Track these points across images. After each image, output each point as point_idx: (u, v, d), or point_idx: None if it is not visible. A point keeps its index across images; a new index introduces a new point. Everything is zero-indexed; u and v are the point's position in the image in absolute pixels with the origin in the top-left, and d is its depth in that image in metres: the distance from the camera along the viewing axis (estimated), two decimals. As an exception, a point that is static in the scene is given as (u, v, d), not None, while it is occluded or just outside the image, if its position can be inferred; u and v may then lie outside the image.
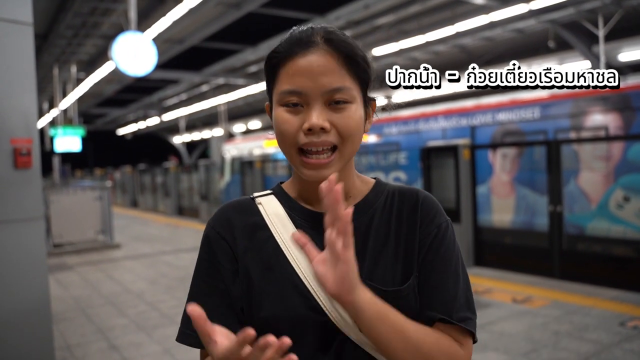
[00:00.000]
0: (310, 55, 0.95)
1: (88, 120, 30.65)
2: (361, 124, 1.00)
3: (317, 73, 0.94)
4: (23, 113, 3.53)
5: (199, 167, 16.81)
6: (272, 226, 1.03)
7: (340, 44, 0.96)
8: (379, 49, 13.87)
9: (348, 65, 0.96)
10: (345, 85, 0.95)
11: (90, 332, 5.15)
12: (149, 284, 7.20)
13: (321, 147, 0.95)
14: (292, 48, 0.97)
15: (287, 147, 0.97)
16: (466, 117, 9.95)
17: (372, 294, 0.89)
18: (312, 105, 0.94)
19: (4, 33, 3.41)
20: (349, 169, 1.05)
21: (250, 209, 1.07)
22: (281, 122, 0.96)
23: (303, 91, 0.94)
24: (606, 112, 7.94)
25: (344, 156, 0.98)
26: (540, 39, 12.83)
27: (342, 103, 0.95)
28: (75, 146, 16.46)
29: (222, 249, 1.03)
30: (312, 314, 0.95)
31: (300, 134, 0.95)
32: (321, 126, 0.93)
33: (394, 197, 1.08)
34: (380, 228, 1.04)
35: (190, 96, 24.23)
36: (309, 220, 1.03)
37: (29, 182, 3.53)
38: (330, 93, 0.94)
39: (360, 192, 1.08)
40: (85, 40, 14.08)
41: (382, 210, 1.06)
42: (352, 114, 0.96)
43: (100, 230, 10.69)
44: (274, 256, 1.00)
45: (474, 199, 7.72)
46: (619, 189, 7.23)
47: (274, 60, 0.99)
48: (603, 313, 5.10)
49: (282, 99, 0.96)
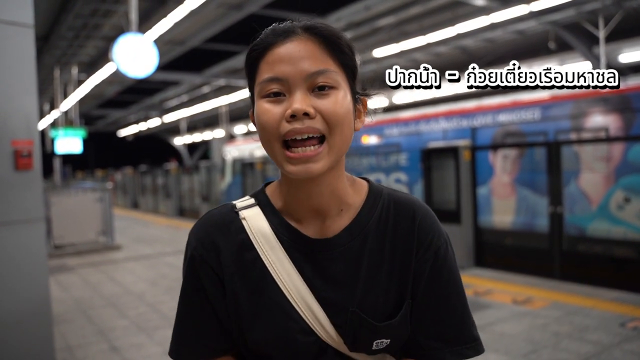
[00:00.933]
0: (289, 42, 0.89)
1: (89, 122, 30.68)
2: (350, 114, 0.91)
3: (298, 58, 0.87)
4: (24, 114, 3.53)
5: (199, 168, 16.82)
6: (258, 246, 0.96)
7: (322, 29, 0.90)
8: (380, 51, 13.88)
9: (331, 50, 0.90)
10: (328, 68, 0.88)
11: (91, 333, 5.15)
12: (149, 285, 7.21)
13: (306, 135, 0.86)
14: (271, 39, 0.91)
15: (270, 141, 0.89)
16: (467, 118, 9.95)
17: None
18: (294, 91, 0.87)
19: (5, 35, 3.42)
20: (340, 174, 0.97)
21: (234, 226, 0.99)
22: (262, 113, 0.89)
23: (284, 77, 0.87)
24: (607, 113, 7.94)
25: (333, 149, 0.89)
26: (541, 40, 12.84)
27: (326, 88, 0.88)
28: (76, 147, 16.49)
29: (206, 274, 0.98)
30: (302, 336, 0.94)
31: (282, 123, 0.87)
32: (304, 111, 0.85)
33: (389, 211, 1.00)
34: (373, 251, 0.97)
35: (191, 97, 24.24)
36: (296, 242, 0.96)
37: (29, 183, 3.54)
38: (312, 77, 0.87)
39: (354, 204, 1.00)
40: (86, 42, 14.10)
41: (376, 229, 0.98)
42: (339, 99, 0.88)
43: (101, 232, 10.68)
44: (262, 279, 0.95)
45: (474, 200, 7.72)
46: (619, 190, 7.23)
47: (254, 54, 0.93)
48: (603, 314, 5.09)
49: (263, 90, 0.89)
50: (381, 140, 11.69)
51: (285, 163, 0.89)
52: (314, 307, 0.94)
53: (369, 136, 11.96)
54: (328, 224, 0.98)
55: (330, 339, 0.94)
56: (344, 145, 0.91)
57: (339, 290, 0.95)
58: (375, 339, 0.94)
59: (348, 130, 0.91)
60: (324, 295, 0.95)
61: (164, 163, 28.64)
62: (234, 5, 11.11)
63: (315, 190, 0.94)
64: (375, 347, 0.95)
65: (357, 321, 0.94)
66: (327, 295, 0.95)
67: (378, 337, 0.94)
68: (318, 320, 0.93)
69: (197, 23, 12.18)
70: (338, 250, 0.96)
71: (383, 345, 0.96)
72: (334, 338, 0.94)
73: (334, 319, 0.94)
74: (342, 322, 0.94)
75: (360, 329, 0.94)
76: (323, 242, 0.97)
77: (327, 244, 0.96)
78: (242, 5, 11.11)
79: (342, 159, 0.96)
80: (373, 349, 0.95)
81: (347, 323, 0.94)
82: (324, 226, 0.98)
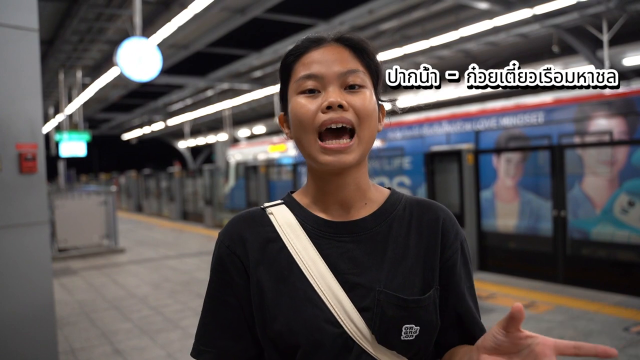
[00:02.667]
0: (322, 48, 0.99)
1: (93, 125, 30.78)
2: (375, 112, 1.00)
3: (331, 61, 0.97)
4: (28, 118, 3.55)
5: (203, 171, 16.86)
6: (284, 237, 1.01)
7: (351, 39, 1.00)
8: (383, 54, 13.76)
9: (359, 56, 1.00)
10: (358, 69, 0.98)
11: (95, 336, 5.16)
12: (153, 288, 7.22)
13: (341, 125, 0.94)
14: (306, 45, 1.00)
15: (306, 132, 0.96)
16: (470, 121, 9.94)
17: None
18: (329, 88, 0.96)
19: (10, 39, 3.44)
20: (365, 171, 1.05)
21: (261, 220, 1.05)
22: (299, 106, 0.97)
23: (319, 74, 0.96)
24: (610, 116, 7.92)
25: (362, 142, 0.97)
26: (544, 44, 12.82)
27: (357, 87, 0.97)
28: (81, 151, 16.53)
29: (233, 264, 1.02)
30: (328, 326, 0.94)
31: (319, 114, 0.95)
32: (339, 103, 0.94)
33: (413, 208, 1.06)
34: (399, 237, 1.02)
35: (195, 101, 24.28)
36: (323, 229, 1.01)
37: (34, 187, 3.55)
38: (345, 75, 0.96)
39: (376, 200, 1.06)
40: (90, 46, 14.14)
41: (401, 220, 1.04)
42: (367, 96, 0.97)
43: (105, 235, 10.71)
44: (287, 268, 0.98)
45: (477, 204, 7.71)
46: (623, 194, 7.21)
47: (290, 58, 1.02)
48: (607, 318, 5.08)
49: (299, 87, 0.98)
50: (384, 143, 11.69)
51: (320, 154, 0.96)
52: (338, 294, 0.95)
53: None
54: (352, 213, 1.03)
55: (356, 331, 0.94)
56: (370, 140, 1.00)
57: (365, 273, 0.97)
58: (404, 322, 0.94)
59: (374, 127, 1.00)
60: (349, 278, 0.96)
61: (167, 166, 28.70)
62: (238, 9, 11.14)
63: (343, 183, 1.01)
64: (405, 336, 0.94)
65: (384, 299, 0.95)
66: (351, 278, 0.96)
67: (407, 319, 0.94)
68: (343, 308, 0.94)
69: (201, 27, 12.21)
70: (364, 233, 1.01)
71: (412, 335, 0.94)
72: (361, 329, 0.94)
73: (360, 303, 0.95)
74: (370, 304, 0.95)
75: (389, 308, 0.94)
76: (347, 224, 1.02)
77: (353, 226, 1.01)
78: (245, 10, 11.13)
79: (366, 158, 1.03)
80: (402, 337, 0.94)
81: (375, 303, 0.94)
82: (348, 215, 1.03)
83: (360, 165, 1.01)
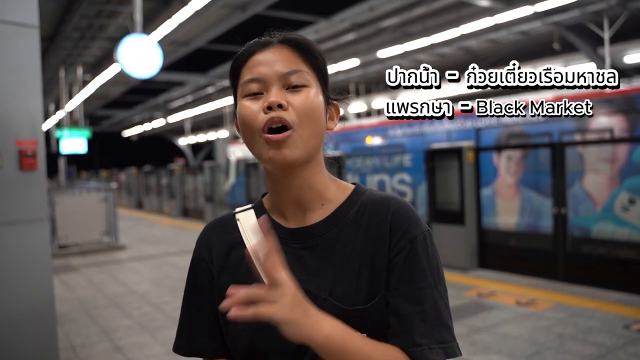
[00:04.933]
0: (267, 51, 1.00)
1: (94, 122, 30.76)
2: (320, 110, 0.99)
3: (274, 61, 0.98)
4: (29, 115, 3.55)
5: (204, 168, 16.85)
6: (247, 243, 1.03)
7: (295, 39, 1.01)
8: (384, 52, 13.88)
9: (303, 56, 1.00)
10: (300, 69, 0.98)
11: (95, 333, 5.17)
12: (153, 285, 7.22)
13: (280, 124, 0.94)
14: (251, 48, 1.02)
15: (252, 133, 0.97)
16: (471, 119, 9.93)
17: (331, 318, 0.87)
18: (271, 89, 0.97)
19: (10, 36, 3.44)
20: (318, 171, 1.03)
21: (230, 226, 1.09)
22: (243, 109, 0.98)
23: (261, 77, 0.97)
24: (611, 114, 7.91)
25: (302, 139, 0.96)
26: (546, 41, 12.81)
27: (299, 87, 0.97)
28: (81, 148, 16.53)
29: (202, 269, 1.08)
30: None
31: (260, 114, 0.96)
32: (278, 102, 0.94)
33: (366, 208, 1.02)
34: (347, 242, 1.00)
35: (195, 98, 24.29)
36: (280, 235, 1.00)
37: (34, 183, 3.55)
38: (286, 76, 0.97)
39: (335, 199, 1.05)
40: (91, 43, 14.14)
41: (352, 223, 1.01)
42: (310, 95, 0.98)
43: (105, 232, 10.72)
44: (248, 274, 0.96)
45: (478, 201, 7.71)
46: (624, 192, 7.20)
47: (237, 63, 1.04)
48: (607, 316, 5.08)
49: (244, 90, 0.99)
50: (385, 141, 11.69)
51: (264, 150, 0.96)
52: None
53: (372, 137, 11.96)
54: (308, 216, 1.04)
55: None
56: (314, 139, 0.99)
57: (313, 279, 0.98)
58: None
59: (318, 125, 0.99)
60: (301, 285, 0.93)
61: (168, 163, 28.71)
62: (238, 6, 11.13)
63: (293, 183, 1.01)
64: None
65: (328, 308, 0.93)
66: (303, 285, 0.93)
67: (352, 327, 0.91)
68: None
69: (201, 24, 12.20)
70: (314, 240, 1.01)
71: None
72: None
73: None
74: None
75: (332, 316, 0.91)
76: (300, 231, 1.02)
77: (304, 233, 1.02)
78: (246, 6, 11.13)
79: (319, 156, 1.03)
80: None
81: (320, 311, 0.92)
82: (304, 219, 1.04)
83: (309, 164, 1.00)
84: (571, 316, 5.12)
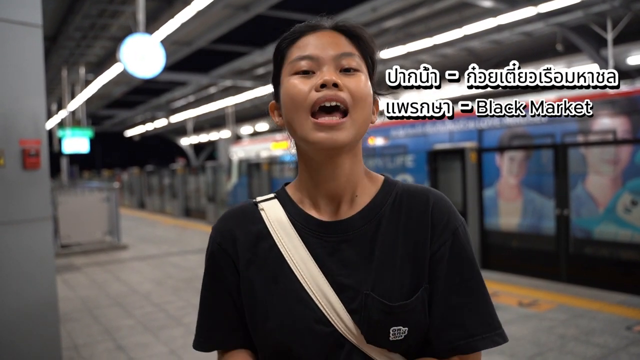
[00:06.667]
0: (318, 33, 0.98)
1: (96, 122, 30.81)
2: (370, 98, 0.97)
3: (326, 44, 0.95)
4: (32, 114, 3.55)
5: (206, 168, 16.86)
6: (275, 234, 1.00)
7: (346, 24, 0.99)
8: (386, 52, 13.85)
9: (354, 42, 0.98)
10: (354, 52, 0.96)
11: (97, 332, 5.17)
12: (155, 285, 7.23)
13: (335, 103, 0.91)
14: (302, 29, 0.99)
15: (299, 112, 0.93)
16: (473, 120, 9.92)
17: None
18: (323, 68, 0.94)
19: (14, 35, 3.44)
20: (357, 160, 1.01)
21: (253, 217, 1.04)
22: (292, 86, 0.94)
23: (314, 55, 0.94)
24: (614, 115, 7.90)
25: (355, 124, 0.93)
26: (548, 42, 12.79)
27: (352, 70, 0.95)
28: (84, 147, 16.57)
29: (224, 261, 1.03)
30: (319, 326, 0.93)
31: (312, 92, 0.92)
32: (334, 81, 0.91)
33: (403, 199, 1.01)
34: (387, 235, 0.98)
35: (197, 98, 24.31)
36: (313, 228, 0.99)
37: (37, 183, 3.55)
38: (340, 57, 0.94)
39: (369, 191, 1.02)
40: (93, 42, 14.17)
41: (390, 215, 0.99)
42: (362, 80, 0.95)
43: (107, 231, 10.73)
44: (278, 267, 0.97)
45: (480, 202, 7.70)
46: (626, 193, 7.19)
47: (285, 43, 1.00)
48: (610, 317, 5.07)
49: (292, 68, 0.95)
50: (387, 141, 11.68)
51: (312, 132, 0.92)
52: (329, 294, 0.94)
53: (375, 138, 11.95)
54: (343, 209, 1.00)
55: (347, 330, 0.93)
56: (364, 124, 0.96)
57: (353, 274, 0.95)
58: (391, 325, 0.92)
59: (368, 112, 0.97)
60: (339, 280, 0.95)
61: (170, 163, 28.74)
62: (241, 6, 11.14)
63: (333, 173, 0.98)
64: (393, 337, 0.92)
65: (371, 303, 0.92)
66: (341, 279, 0.95)
67: (394, 322, 0.92)
68: (333, 308, 0.93)
69: (204, 24, 12.22)
70: (352, 233, 0.98)
71: (401, 335, 0.93)
72: (350, 329, 0.93)
73: (349, 305, 0.94)
74: (358, 307, 0.93)
75: (374, 312, 0.92)
76: (336, 224, 0.99)
77: (341, 226, 0.98)
78: (248, 7, 11.14)
79: (359, 145, 1.01)
80: (390, 338, 0.93)
81: (362, 307, 0.93)
82: (338, 212, 1.00)
83: (353, 153, 0.98)
84: (573, 317, 5.11)
